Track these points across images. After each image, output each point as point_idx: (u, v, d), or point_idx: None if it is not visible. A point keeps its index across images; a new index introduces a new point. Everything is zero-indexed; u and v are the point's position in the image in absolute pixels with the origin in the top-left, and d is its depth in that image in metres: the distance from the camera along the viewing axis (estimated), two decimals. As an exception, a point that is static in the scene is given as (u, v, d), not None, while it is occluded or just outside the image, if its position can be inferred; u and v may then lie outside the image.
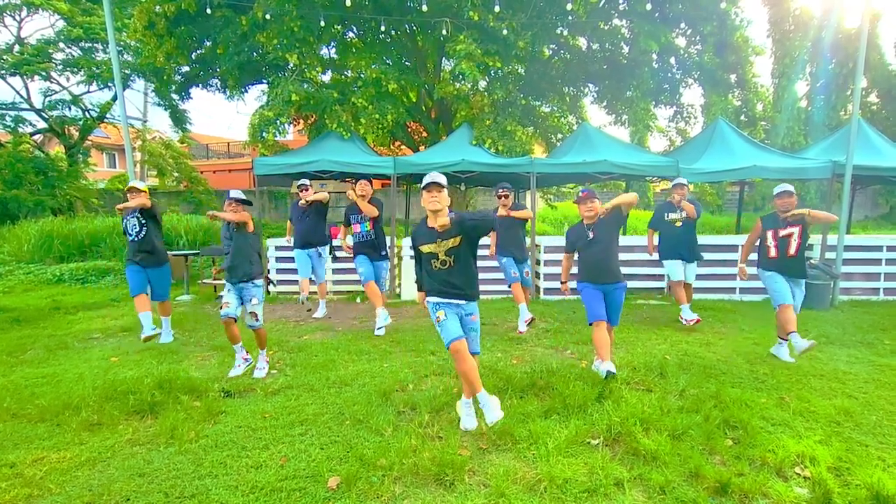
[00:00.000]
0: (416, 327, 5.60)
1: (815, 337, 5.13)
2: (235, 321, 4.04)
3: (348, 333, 5.42)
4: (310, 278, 6.20)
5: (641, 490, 2.48)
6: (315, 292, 6.40)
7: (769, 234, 4.34)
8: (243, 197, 4.13)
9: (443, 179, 3.02)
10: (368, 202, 5.33)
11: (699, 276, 7.09)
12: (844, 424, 3.14)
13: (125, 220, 5.05)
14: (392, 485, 2.51)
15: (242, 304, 4.11)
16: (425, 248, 3.09)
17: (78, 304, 7.13)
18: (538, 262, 7.48)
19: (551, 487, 2.46)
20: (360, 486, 2.49)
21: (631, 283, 7.00)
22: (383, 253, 5.50)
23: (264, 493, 2.44)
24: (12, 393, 3.73)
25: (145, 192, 5.06)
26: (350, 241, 5.52)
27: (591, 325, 3.85)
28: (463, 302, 3.09)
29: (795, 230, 4.26)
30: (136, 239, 5.00)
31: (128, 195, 4.99)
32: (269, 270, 7.63)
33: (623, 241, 7.35)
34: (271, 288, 7.54)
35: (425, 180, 3.02)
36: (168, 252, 9.70)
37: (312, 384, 3.86)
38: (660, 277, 7.39)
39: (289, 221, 6.53)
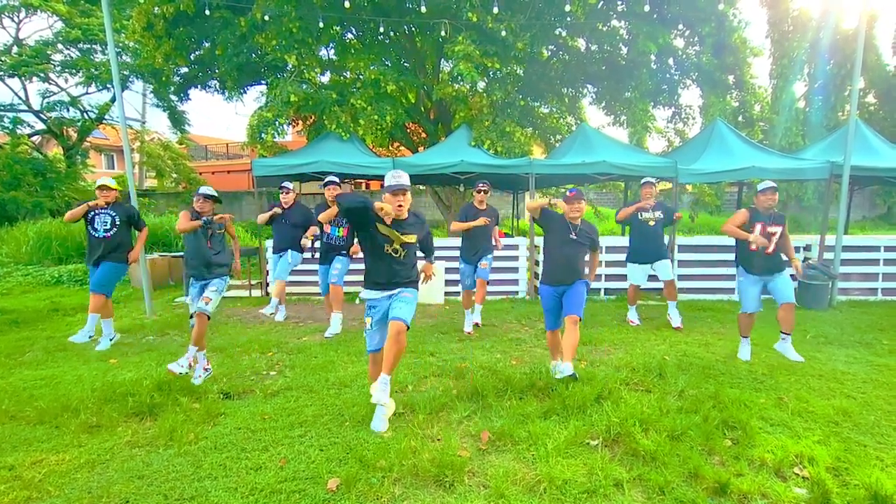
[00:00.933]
0: (414, 329, 5.60)
1: (813, 337, 5.17)
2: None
3: (347, 334, 5.42)
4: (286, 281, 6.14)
5: (641, 490, 2.49)
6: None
7: (757, 226, 4.31)
8: (213, 193, 4.15)
9: (408, 180, 3.09)
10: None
11: (696, 277, 7.13)
12: (843, 424, 3.15)
13: (94, 215, 4.90)
14: (392, 486, 2.51)
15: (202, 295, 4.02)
16: (383, 229, 3.09)
17: (77, 305, 7.11)
18: (537, 263, 7.48)
19: (551, 488, 2.46)
20: (360, 488, 2.49)
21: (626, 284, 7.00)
22: (343, 252, 5.33)
23: (264, 495, 2.44)
24: (11, 395, 3.72)
25: (117, 190, 4.99)
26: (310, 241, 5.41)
27: (546, 329, 4.04)
28: (397, 289, 3.18)
29: (779, 229, 4.32)
30: (102, 236, 4.89)
31: (98, 192, 4.90)
32: (267, 272, 7.62)
33: (617, 241, 7.38)
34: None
35: (390, 181, 3.04)
36: (167, 254, 9.68)
37: (312, 385, 3.86)
38: (656, 277, 7.38)
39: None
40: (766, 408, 3.37)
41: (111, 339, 5.09)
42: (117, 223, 4.95)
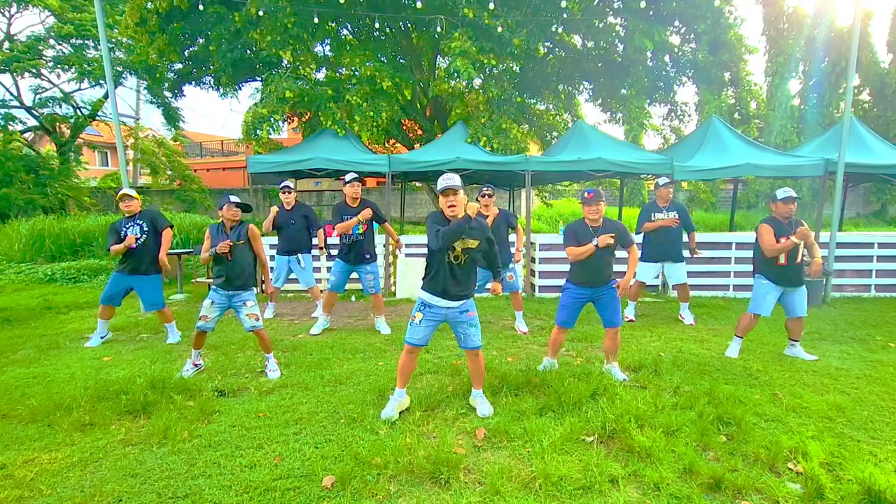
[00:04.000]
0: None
1: (807, 333, 5.19)
2: (207, 333, 4.04)
3: (343, 332, 5.41)
4: (280, 286, 6.12)
5: (636, 487, 2.49)
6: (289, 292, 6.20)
7: (782, 240, 4.21)
8: (242, 201, 4.04)
9: (458, 181, 3.03)
10: (359, 204, 5.20)
11: (691, 274, 7.14)
12: (836, 420, 3.17)
13: (125, 227, 4.93)
14: (387, 483, 2.50)
15: (228, 308, 4.04)
16: None
17: (70, 303, 7.07)
18: (533, 261, 7.48)
19: (546, 485, 2.46)
20: (355, 485, 2.48)
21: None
22: (367, 256, 5.26)
23: (258, 493, 2.43)
24: (3, 393, 3.69)
25: (138, 199, 5.02)
26: (332, 241, 5.28)
27: (556, 325, 3.98)
28: (458, 303, 3.21)
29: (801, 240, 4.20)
30: (134, 246, 4.92)
31: (120, 204, 4.91)
32: (271, 269, 7.57)
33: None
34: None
35: (441, 184, 3.03)
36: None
37: (307, 383, 3.84)
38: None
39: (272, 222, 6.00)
40: (761, 404, 3.38)
41: (102, 338, 5.11)
42: (146, 230, 4.98)
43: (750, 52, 10.14)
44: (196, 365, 4.11)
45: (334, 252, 6.13)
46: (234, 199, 4.02)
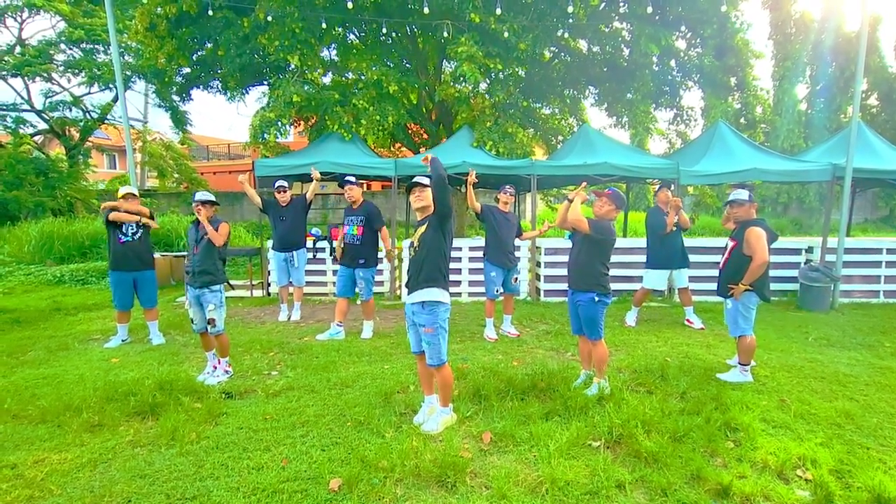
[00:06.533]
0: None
1: (815, 339, 5.15)
2: (207, 332, 4.05)
3: (349, 335, 5.42)
4: (288, 284, 6.20)
5: (643, 492, 2.48)
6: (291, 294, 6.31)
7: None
8: (211, 198, 4.08)
9: (424, 180, 3.18)
10: (360, 206, 5.27)
11: (698, 279, 7.12)
12: (845, 427, 3.15)
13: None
14: (394, 487, 2.51)
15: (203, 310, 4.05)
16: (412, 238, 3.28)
17: (78, 305, 7.13)
18: (538, 265, 7.48)
19: (553, 489, 2.46)
20: (362, 488, 2.49)
21: (629, 286, 7.00)
22: (361, 261, 5.22)
23: (266, 495, 2.44)
24: (13, 394, 3.72)
25: (139, 197, 5.18)
26: (321, 245, 5.55)
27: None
28: (411, 295, 3.13)
29: (731, 244, 4.01)
30: (132, 240, 5.02)
31: (124, 201, 4.99)
32: (269, 272, 7.61)
33: (621, 242, 7.36)
34: (271, 289, 7.54)
35: (410, 182, 3.22)
36: (168, 254, 9.71)
37: (313, 386, 3.86)
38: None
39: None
40: (769, 410, 3.37)
41: (123, 341, 5.20)
42: (141, 225, 5.10)
43: (756, 56, 10.11)
44: (227, 371, 4.12)
45: (322, 255, 6.82)
46: (198, 196, 4.03)
